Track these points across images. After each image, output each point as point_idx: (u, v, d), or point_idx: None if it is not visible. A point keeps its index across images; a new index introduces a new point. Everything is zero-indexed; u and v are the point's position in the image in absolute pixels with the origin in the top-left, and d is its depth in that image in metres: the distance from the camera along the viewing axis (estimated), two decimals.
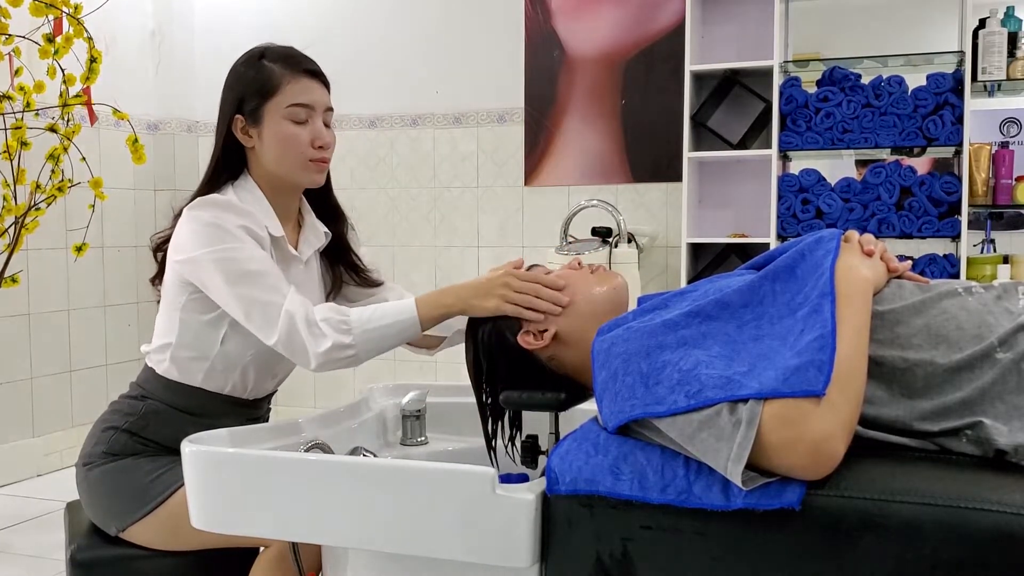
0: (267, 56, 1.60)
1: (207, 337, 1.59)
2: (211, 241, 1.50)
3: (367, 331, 1.45)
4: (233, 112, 1.59)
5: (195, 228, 1.52)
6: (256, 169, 1.62)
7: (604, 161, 3.82)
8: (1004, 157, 3.15)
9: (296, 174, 1.60)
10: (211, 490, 1.27)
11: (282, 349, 1.46)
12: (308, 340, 1.43)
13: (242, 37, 4.39)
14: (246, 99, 1.58)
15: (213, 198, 1.56)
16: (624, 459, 1.07)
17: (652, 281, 3.72)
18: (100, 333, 4.02)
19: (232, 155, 1.62)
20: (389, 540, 1.17)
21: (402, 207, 4.14)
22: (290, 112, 1.57)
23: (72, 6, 3.04)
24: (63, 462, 3.76)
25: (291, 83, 1.57)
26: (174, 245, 1.56)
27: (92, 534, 1.63)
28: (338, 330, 1.44)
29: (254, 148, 1.60)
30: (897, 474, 0.98)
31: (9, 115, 3.04)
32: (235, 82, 1.61)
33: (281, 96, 1.57)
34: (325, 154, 1.61)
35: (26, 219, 3.08)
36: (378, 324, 1.45)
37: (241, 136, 1.60)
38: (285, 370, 1.71)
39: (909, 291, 1.14)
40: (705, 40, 3.57)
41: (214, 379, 1.62)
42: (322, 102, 1.61)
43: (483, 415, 1.44)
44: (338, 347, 1.43)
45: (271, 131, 1.57)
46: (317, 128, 1.59)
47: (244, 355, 1.60)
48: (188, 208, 1.56)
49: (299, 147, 1.58)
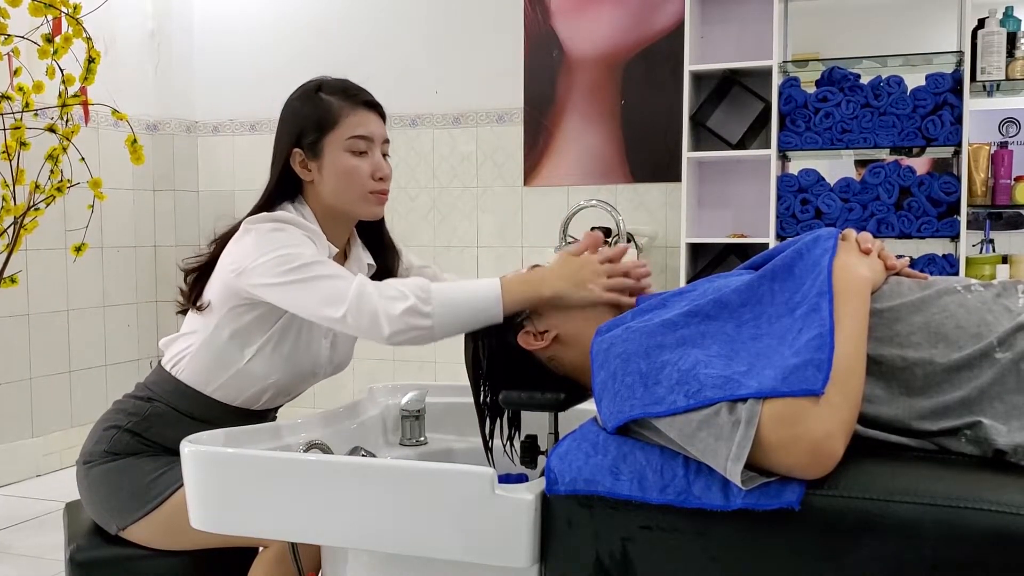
0: (324, 89, 1.59)
1: (234, 353, 1.57)
2: (275, 241, 1.47)
3: (445, 301, 1.36)
4: (291, 146, 1.57)
5: (256, 237, 1.49)
6: (313, 200, 1.60)
7: (603, 161, 3.82)
8: (1003, 157, 3.15)
9: (356, 206, 1.59)
10: (210, 490, 1.27)
11: (351, 320, 1.37)
12: (381, 304, 1.35)
13: (241, 37, 4.41)
14: (305, 133, 1.56)
15: (275, 213, 1.53)
16: (623, 459, 1.07)
17: (651, 281, 3.72)
18: (99, 333, 4.02)
19: (287, 188, 1.60)
20: (388, 540, 1.17)
21: (401, 207, 4.14)
22: (350, 144, 1.56)
23: (71, 6, 3.03)
24: (62, 462, 3.75)
25: (350, 115, 1.57)
26: (231, 258, 1.52)
27: (91, 534, 1.63)
28: (417, 294, 1.36)
29: (312, 182, 1.58)
30: (896, 474, 0.98)
31: (8, 115, 3.04)
32: (292, 116, 1.60)
33: (341, 129, 1.56)
34: (385, 186, 1.60)
35: (25, 219, 3.08)
36: (459, 295, 1.37)
37: (300, 170, 1.58)
38: (301, 391, 1.70)
39: (908, 288, 1.14)
40: (704, 40, 3.57)
41: (228, 391, 1.61)
42: (380, 134, 1.61)
43: (481, 415, 1.44)
44: (415, 312, 1.35)
45: (331, 164, 1.56)
46: (377, 160, 1.59)
47: (267, 377, 1.59)
48: (247, 222, 1.53)
49: (360, 179, 1.56)
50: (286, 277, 1.43)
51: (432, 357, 4.05)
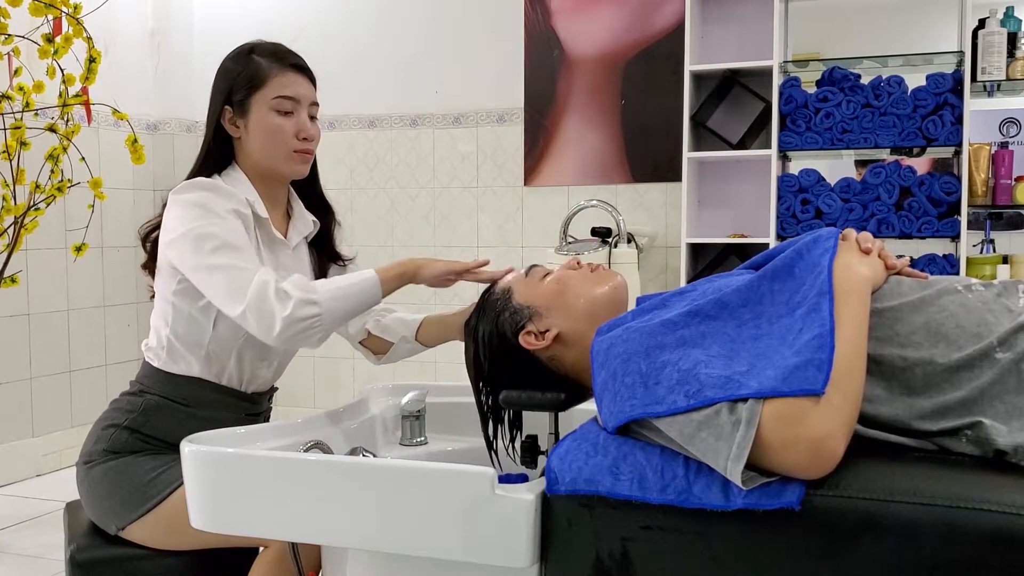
0: (256, 51, 1.66)
1: (200, 323, 1.61)
2: (194, 218, 1.53)
3: (330, 291, 1.48)
4: (222, 104, 1.64)
5: (179, 210, 1.55)
6: (243, 160, 1.66)
7: (603, 161, 3.82)
8: (1003, 157, 3.15)
9: (280, 164, 1.65)
10: (210, 490, 1.27)
11: (252, 317, 1.45)
12: (276, 304, 1.45)
13: (241, 37, 4.36)
14: (234, 91, 1.63)
15: (198, 181, 1.60)
16: (624, 459, 1.07)
17: (651, 281, 3.72)
18: (99, 333, 4.02)
19: (221, 147, 1.66)
20: (388, 540, 1.17)
21: (401, 207, 4.14)
22: (276, 104, 1.62)
23: (71, 6, 3.03)
24: (62, 462, 3.76)
25: (278, 76, 1.63)
26: (163, 230, 1.59)
27: (91, 534, 1.63)
28: (303, 290, 1.47)
29: (241, 139, 1.65)
30: (896, 474, 0.97)
31: (8, 115, 3.04)
32: (224, 75, 1.66)
33: (268, 88, 1.62)
34: (309, 146, 1.66)
35: (25, 219, 3.08)
36: (341, 284, 1.51)
37: (229, 127, 1.65)
38: (279, 355, 1.72)
39: (908, 288, 1.14)
40: (705, 40, 3.57)
41: (210, 367, 1.64)
42: (307, 96, 1.66)
43: (483, 415, 1.44)
44: (303, 302, 1.45)
45: (257, 122, 1.62)
46: (302, 120, 1.64)
47: (236, 337, 1.62)
48: (173, 193, 1.59)
49: (284, 138, 1.63)
50: (194, 260, 1.51)
51: (432, 357, 4.04)
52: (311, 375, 4.28)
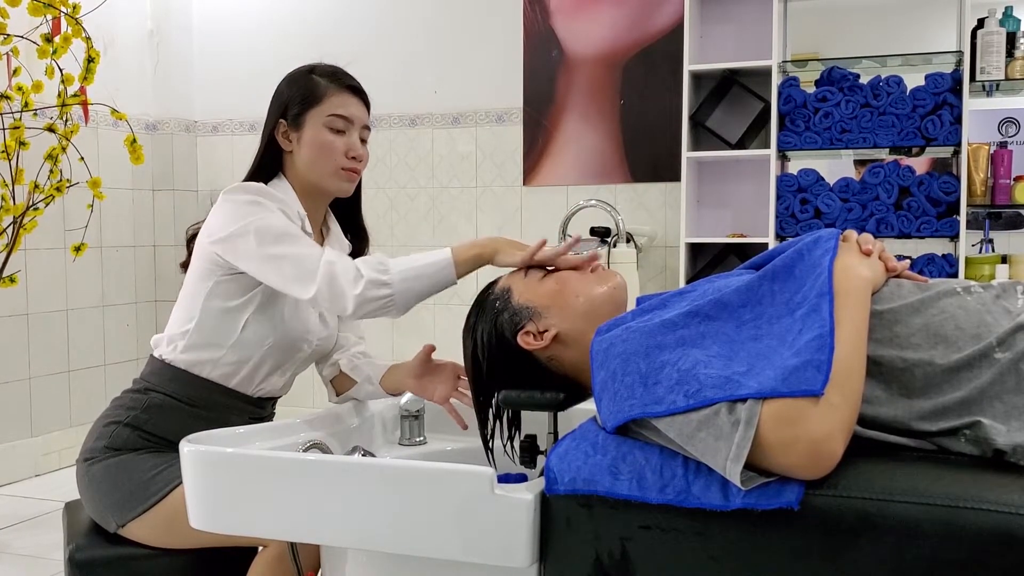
0: (315, 71, 1.71)
1: (228, 324, 1.63)
2: (248, 214, 1.56)
3: (403, 271, 1.49)
4: (277, 117, 1.68)
5: (231, 208, 1.58)
6: (291, 173, 1.69)
7: (603, 161, 3.82)
8: (1002, 157, 3.15)
9: (326, 179, 1.68)
10: (210, 490, 1.27)
11: (323, 299, 1.48)
12: (345, 285, 1.47)
13: (240, 37, 4.41)
14: (290, 106, 1.68)
15: (249, 184, 1.63)
16: (623, 459, 1.07)
17: (651, 281, 3.73)
18: (98, 333, 4.01)
19: (273, 160, 1.70)
20: (388, 540, 1.17)
21: (401, 207, 4.14)
22: (329, 121, 1.66)
23: (70, 6, 3.03)
24: (61, 462, 3.75)
25: (334, 95, 1.67)
26: (208, 228, 1.61)
27: (91, 534, 1.63)
28: (375, 269, 1.48)
29: (292, 152, 1.68)
30: (896, 474, 0.98)
31: (7, 115, 3.04)
32: (282, 91, 1.71)
33: (323, 106, 1.66)
34: (357, 165, 1.70)
35: (24, 219, 3.08)
36: (414, 264, 1.50)
37: (282, 140, 1.69)
38: (294, 367, 1.73)
39: (908, 290, 1.14)
40: (704, 40, 3.57)
41: (223, 370, 1.65)
42: (360, 117, 1.71)
43: (481, 415, 1.44)
44: (375, 283, 1.47)
45: (310, 137, 1.66)
46: (353, 140, 1.69)
47: (263, 343, 1.64)
48: (225, 192, 1.61)
49: (333, 154, 1.66)
50: (259, 250, 1.52)
51: None
52: (311, 375, 4.27)
